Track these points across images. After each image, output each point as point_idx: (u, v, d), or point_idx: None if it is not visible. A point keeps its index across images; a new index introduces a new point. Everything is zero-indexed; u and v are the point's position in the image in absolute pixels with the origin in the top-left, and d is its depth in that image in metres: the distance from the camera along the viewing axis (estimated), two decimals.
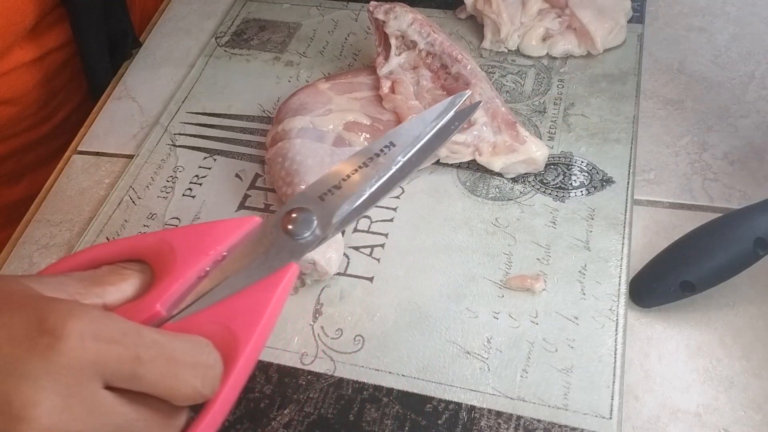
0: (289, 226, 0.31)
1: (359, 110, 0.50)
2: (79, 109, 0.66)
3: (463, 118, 0.36)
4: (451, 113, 0.35)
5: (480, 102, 0.42)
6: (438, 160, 0.49)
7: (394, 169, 0.33)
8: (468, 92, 0.37)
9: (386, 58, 0.52)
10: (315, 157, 0.48)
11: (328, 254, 0.44)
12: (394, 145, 0.34)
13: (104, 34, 0.61)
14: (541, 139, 0.50)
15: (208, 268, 0.30)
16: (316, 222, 0.32)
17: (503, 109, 0.48)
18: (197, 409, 0.27)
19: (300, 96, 0.51)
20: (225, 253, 0.31)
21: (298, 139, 0.48)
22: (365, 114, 0.50)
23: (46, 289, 0.27)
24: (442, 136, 0.35)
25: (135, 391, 0.26)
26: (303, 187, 0.46)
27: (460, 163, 0.49)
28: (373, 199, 0.33)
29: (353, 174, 0.33)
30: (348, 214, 0.32)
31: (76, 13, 0.59)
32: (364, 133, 0.49)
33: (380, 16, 0.51)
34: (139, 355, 0.25)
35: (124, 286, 0.30)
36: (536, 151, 0.47)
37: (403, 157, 0.34)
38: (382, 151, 0.34)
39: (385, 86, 0.51)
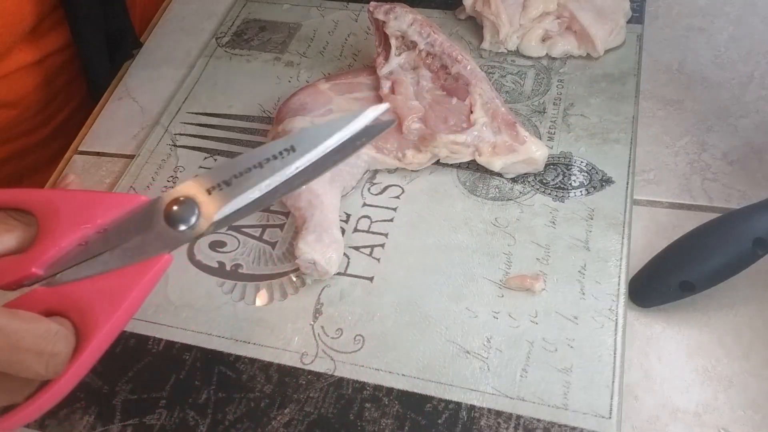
0: (171, 215, 0.31)
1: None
2: (79, 111, 0.66)
3: (373, 135, 0.34)
4: (361, 127, 0.33)
5: (394, 121, 0.39)
6: (438, 161, 0.49)
7: (288, 176, 0.32)
8: (385, 105, 0.35)
9: (386, 58, 0.52)
10: None
11: (328, 254, 0.44)
12: (294, 150, 0.32)
13: (103, 35, 0.61)
14: (540, 139, 0.50)
15: (88, 239, 0.31)
16: (196, 216, 0.31)
17: (503, 109, 0.48)
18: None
19: (300, 96, 0.51)
20: (107, 227, 0.31)
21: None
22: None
23: None
24: (346, 150, 0.33)
25: None
26: (303, 187, 0.47)
27: (460, 163, 0.49)
28: (258, 204, 0.32)
29: (246, 173, 0.32)
30: (229, 215, 0.32)
31: (75, 14, 0.59)
32: None
33: (380, 17, 0.51)
34: None
35: (6, 238, 0.31)
36: (536, 151, 0.47)
37: (300, 166, 0.32)
38: (281, 153, 0.32)
39: (385, 87, 0.51)
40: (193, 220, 0.31)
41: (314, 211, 0.45)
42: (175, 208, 0.31)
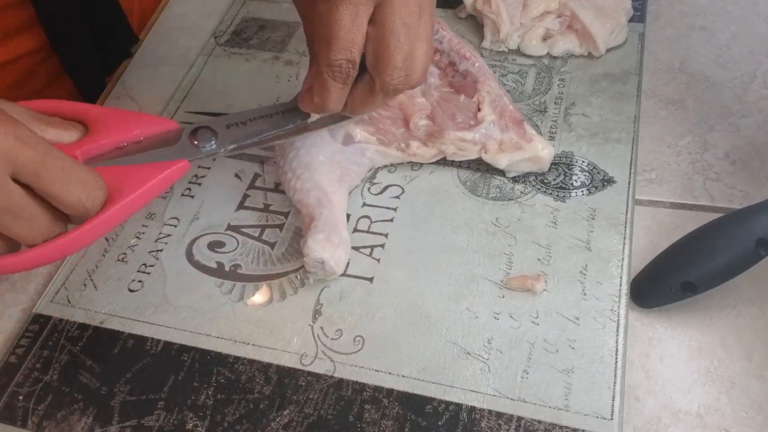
0: (196, 134, 0.41)
1: None
2: None
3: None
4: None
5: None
6: (444, 158, 0.49)
7: (285, 129, 0.43)
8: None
9: None
10: (326, 154, 0.47)
11: (338, 254, 0.43)
12: (296, 111, 0.43)
13: (90, 37, 0.59)
14: None
15: (125, 144, 0.39)
16: (214, 142, 0.41)
17: (510, 107, 0.48)
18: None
19: None
20: (142, 139, 0.40)
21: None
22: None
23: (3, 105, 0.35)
24: (326, 121, 0.45)
25: (35, 192, 0.33)
26: (309, 184, 0.46)
27: (461, 162, 0.49)
28: (261, 142, 0.43)
29: (258, 119, 0.43)
30: (238, 146, 0.42)
31: (48, 17, 0.57)
32: (370, 129, 0.49)
33: None
34: (45, 161, 0.33)
35: (64, 134, 0.38)
36: (542, 150, 0.47)
37: (292, 125, 0.44)
38: (283, 113, 0.44)
39: None
40: (208, 144, 0.41)
41: (323, 209, 0.45)
42: (198, 133, 0.41)
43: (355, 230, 0.47)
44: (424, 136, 0.48)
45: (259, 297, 0.45)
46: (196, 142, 0.40)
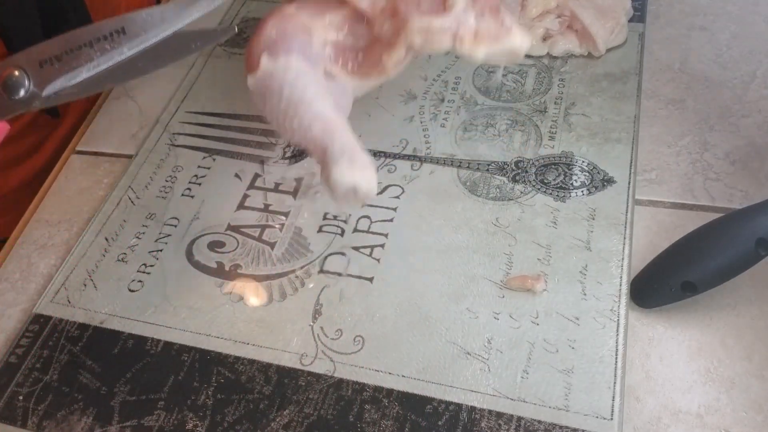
0: (4, 84, 0.32)
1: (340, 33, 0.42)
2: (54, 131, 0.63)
3: (210, 40, 0.34)
4: (194, 17, 0.33)
5: (234, 29, 0.35)
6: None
7: (117, 60, 0.32)
8: (220, 1, 0.34)
9: None
10: (314, 86, 0.40)
11: (368, 175, 0.37)
12: (124, 33, 0.32)
13: (41, 25, 0.55)
14: (541, 138, 0.50)
15: None
16: (27, 87, 0.32)
17: None
18: None
19: (269, 31, 0.41)
20: None
21: (294, 63, 0.40)
22: (350, 35, 0.42)
23: None
24: (182, 48, 0.33)
25: None
26: (307, 117, 0.38)
27: (461, 161, 0.49)
28: (90, 86, 0.32)
29: (77, 50, 0.32)
30: (60, 92, 0.32)
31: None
32: (345, 66, 0.41)
33: None
34: None
35: None
36: (521, 43, 0.40)
37: (130, 50, 0.32)
38: (111, 35, 0.32)
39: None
40: (19, 94, 0.32)
41: (333, 134, 0.38)
42: (8, 77, 0.32)
43: (355, 230, 0.47)
44: (391, 34, 0.40)
45: (258, 298, 0.45)
46: (6, 92, 0.32)
